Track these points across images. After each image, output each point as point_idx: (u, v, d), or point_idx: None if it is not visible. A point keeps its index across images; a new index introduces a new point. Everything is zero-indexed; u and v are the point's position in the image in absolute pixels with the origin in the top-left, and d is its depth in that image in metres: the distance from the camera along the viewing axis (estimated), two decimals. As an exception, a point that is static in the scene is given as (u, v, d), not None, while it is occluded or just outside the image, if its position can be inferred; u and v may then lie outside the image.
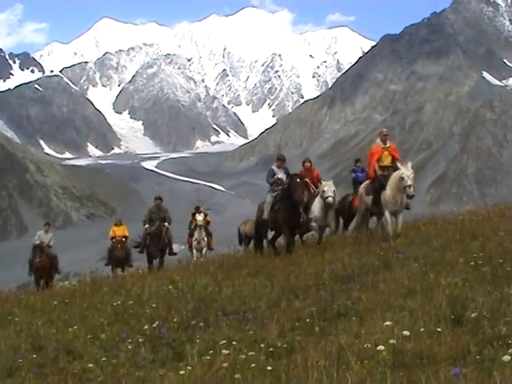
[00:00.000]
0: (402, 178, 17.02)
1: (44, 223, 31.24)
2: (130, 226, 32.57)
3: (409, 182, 16.89)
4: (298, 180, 18.23)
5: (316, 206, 19.79)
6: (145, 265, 26.94)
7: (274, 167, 20.19)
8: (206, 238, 29.72)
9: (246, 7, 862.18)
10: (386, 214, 17.21)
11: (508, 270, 9.87)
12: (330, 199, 18.95)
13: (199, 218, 29.40)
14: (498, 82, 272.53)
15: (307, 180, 20.79)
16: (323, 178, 20.68)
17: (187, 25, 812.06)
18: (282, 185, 19.14)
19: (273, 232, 20.22)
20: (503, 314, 7.41)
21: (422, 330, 7.28)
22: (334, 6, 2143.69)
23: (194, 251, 29.55)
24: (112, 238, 31.25)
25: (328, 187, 19.24)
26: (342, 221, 23.78)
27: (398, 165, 18.09)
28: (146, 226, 26.24)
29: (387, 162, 19.10)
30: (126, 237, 31.18)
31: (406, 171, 17.19)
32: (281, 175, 19.70)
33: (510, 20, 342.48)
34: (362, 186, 19.56)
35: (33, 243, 28.42)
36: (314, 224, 19.72)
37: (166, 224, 26.27)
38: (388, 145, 19.90)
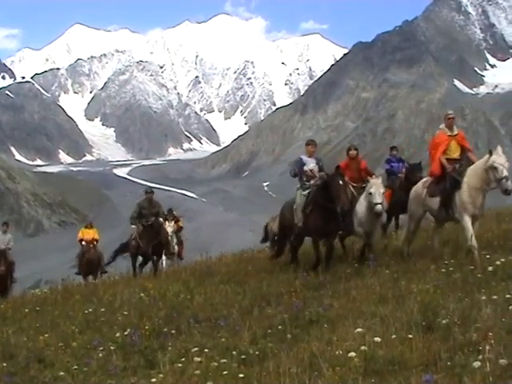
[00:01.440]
0: (494, 168, 12.68)
1: (2, 223, 26.32)
2: (101, 234, 29.88)
3: (504, 173, 12.61)
4: (341, 182, 14.21)
5: (361, 206, 15.26)
6: (119, 270, 24.75)
7: (302, 156, 15.99)
8: (176, 247, 27.68)
9: (219, 14, 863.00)
10: (466, 219, 12.87)
11: (479, 276, 9.93)
12: (379, 208, 14.43)
13: (169, 229, 26.73)
14: (468, 90, 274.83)
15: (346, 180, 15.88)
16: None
17: (160, 31, 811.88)
18: (313, 178, 15.38)
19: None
20: (474, 320, 7.45)
21: (393, 336, 7.30)
22: (308, 13, 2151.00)
23: (164, 260, 26.59)
24: (81, 240, 28.21)
25: (376, 188, 14.72)
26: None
27: (470, 156, 14.65)
28: (133, 226, 22.40)
29: (456, 154, 15.11)
30: (96, 240, 28.14)
31: (497, 158, 12.79)
32: (312, 166, 15.63)
33: (480, 28, 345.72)
34: (418, 185, 14.86)
35: None
36: (359, 229, 15.25)
37: (160, 219, 22.79)
38: (456, 132, 15.39)
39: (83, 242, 28.12)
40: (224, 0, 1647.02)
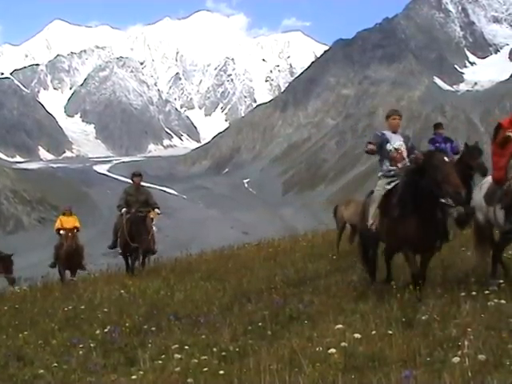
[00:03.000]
0: None
1: None
2: (81, 231, 24.71)
3: None
4: (446, 158, 9.75)
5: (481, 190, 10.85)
6: (99, 267, 24.09)
7: (385, 131, 11.38)
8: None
9: (199, 10, 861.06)
10: None
11: (458, 273, 9.98)
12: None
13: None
14: (448, 88, 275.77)
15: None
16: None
17: (140, 28, 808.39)
18: (401, 162, 11.03)
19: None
20: (453, 316, 7.49)
21: (373, 332, 7.33)
22: (290, 10, 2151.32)
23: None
24: (59, 229, 24.13)
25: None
26: None
27: None
28: (123, 210, 19.83)
29: None
30: (77, 228, 24.07)
31: None
32: (398, 144, 11.16)
33: (460, 26, 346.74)
34: (478, 189, 11.15)
35: None
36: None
37: (157, 211, 20.12)
38: None
39: (61, 231, 23.95)
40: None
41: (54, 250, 24.40)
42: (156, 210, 20.04)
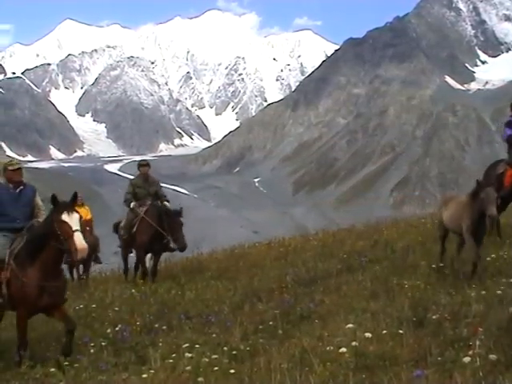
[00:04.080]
0: None
1: None
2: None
3: None
4: None
5: None
6: (111, 266, 22.74)
7: None
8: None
9: (210, 9, 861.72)
10: None
11: (469, 272, 9.96)
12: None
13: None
14: (460, 87, 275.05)
15: None
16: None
17: (151, 27, 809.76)
18: None
19: None
20: (464, 315, 7.48)
21: (384, 332, 7.32)
22: (302, 10, 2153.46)
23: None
24: None
25: None
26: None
27: None
28: (132, 204, 17.51)
29: None
30: (90, 220, 22.18)
31: None
32: None
33: (471, 25, 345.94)
34: None
35: None
36: None
37: (167, 204, 17.50)
38: None
39: None
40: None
41: None
42: (166, 203, 17.56)
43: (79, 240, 8.98)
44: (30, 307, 9.39)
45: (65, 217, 9.18)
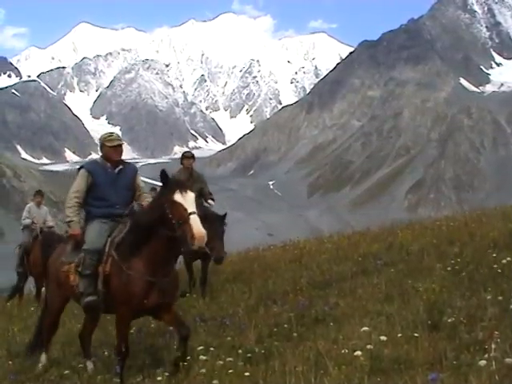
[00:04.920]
0: None
1: (35, 192, 20.66)
2: None
3: None
4: None
5: None
6: None
7: None
8: None
9: (225, 12, 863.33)
10: None
11: (484, 275, 9.91)
12: None
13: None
14: (474, 89, 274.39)
15: None
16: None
17: (166, 30, 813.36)
18: None
19: None
20: (480, 319, 7.44)
21: (399, 335, 7.30)
22: (317, 12, 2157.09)
23: None
24: None
25: None
26: None
27: None
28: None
29: None
30: None
31: None
32: None
33: (486, 27, 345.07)
34: None
35: (23, 223, 19.43)
36: None
37: (211, 203, 15.29)
38: None
39: None
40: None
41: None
42: (210, 201, 15.29)
43: (196, 225, 7.37)
44: (136, 306, 7.90)
45: (178, 197, 7.64)
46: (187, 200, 7.63)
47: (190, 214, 7.43)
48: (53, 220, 19.74)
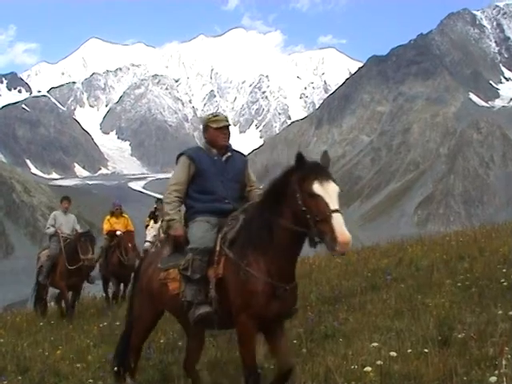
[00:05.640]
0: None
1: (61, 197, 18.72)
2: None
3: None
4: None
5: None
6: None
7: None
8: None
9: (235, 28, 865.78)
10: None
11: (495, 290, 9.88)
12: None
13: (152, 232, 18.40)
14: (484, 104, 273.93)
15: None
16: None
17: (175, 45, 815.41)
18: None
19: None
20: (490, 334, 7.41)
21: (409, 351, 7.27)
22: (327, 28, 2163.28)
23: None
24: (109, 232, 19.15)
25: None
26: None
27: None
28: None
29: None
30: (132, 233, 19.52)
31: None
32: None
33: (495, 42, 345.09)
34: None
35: (47, 232, 17.65)
36: None
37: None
38: None
39: (118, 232, 18.94)
40: (241, 14, 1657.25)
41: (102, 253, 19.22)
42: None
43: (340, 226, 5.76)
44: (259, 310, 6.33)
45: (317, 187, 6.02)
46: (329, 192, 6.05)
47: (333, 211, 5.85)
48: (82, 228, 17.85)
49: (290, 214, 6.22)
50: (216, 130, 7.47)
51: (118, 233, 18.71)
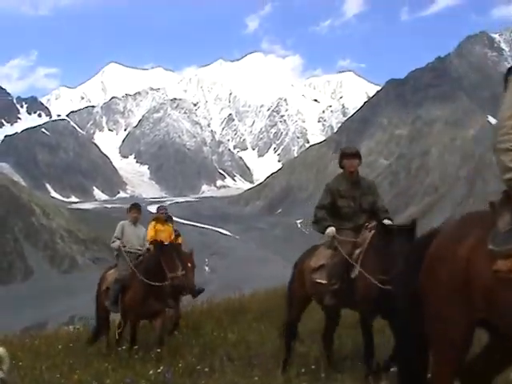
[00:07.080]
0: None
1: (130, 205, 16.01)
2: None
3: None
4: None
5: None
6: None
7: None
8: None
9: (253, 52, 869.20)
10: None
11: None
12: None
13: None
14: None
15: None
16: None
17: (194, 70, 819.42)
18: None
19: None
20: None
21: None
22: (345, 52, 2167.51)
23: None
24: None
25: None
26: None
27: None
28: (330, 229, 10.41)
29: None
30: (179, 243, 16.45)
31: None
32: None
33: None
34: None
35: (112, 246, 15.41)
36: None
37: (387, 222, 9.55)
38: None
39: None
40: (260, 38, 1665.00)
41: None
42: (387, 220, 9.62)
43: None
44: None
45: None
46: None
47: None
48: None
49: None
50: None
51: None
